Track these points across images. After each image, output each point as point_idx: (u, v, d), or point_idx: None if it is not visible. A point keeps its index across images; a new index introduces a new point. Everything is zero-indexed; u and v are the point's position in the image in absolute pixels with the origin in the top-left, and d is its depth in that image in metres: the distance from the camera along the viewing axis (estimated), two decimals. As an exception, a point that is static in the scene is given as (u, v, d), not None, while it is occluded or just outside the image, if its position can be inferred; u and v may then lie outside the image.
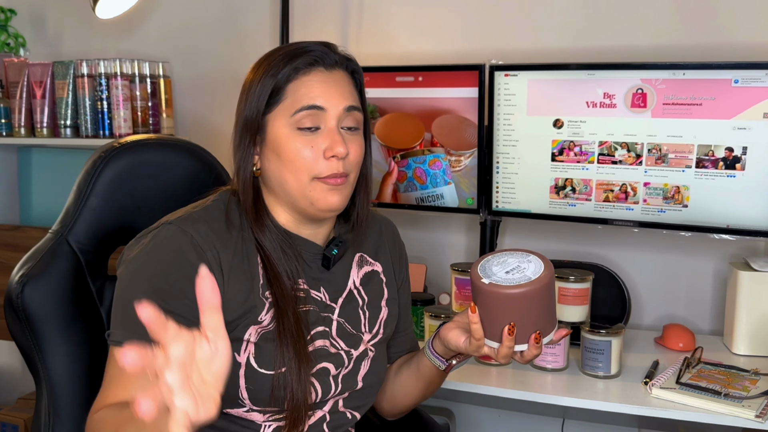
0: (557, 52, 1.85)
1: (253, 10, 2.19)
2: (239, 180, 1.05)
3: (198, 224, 0.99)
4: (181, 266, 0.96)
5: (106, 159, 1.18)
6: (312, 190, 1.02)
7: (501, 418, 2.06)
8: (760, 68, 1.48)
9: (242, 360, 0.99)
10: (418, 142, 1.80)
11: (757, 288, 1.58)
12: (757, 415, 1.26)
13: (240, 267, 1.01)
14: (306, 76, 1.01)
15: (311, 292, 1.08)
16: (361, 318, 1.13)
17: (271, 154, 1.03)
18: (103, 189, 1.17)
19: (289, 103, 1.01)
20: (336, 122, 1.02)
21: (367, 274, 1.16)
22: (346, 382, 1.09)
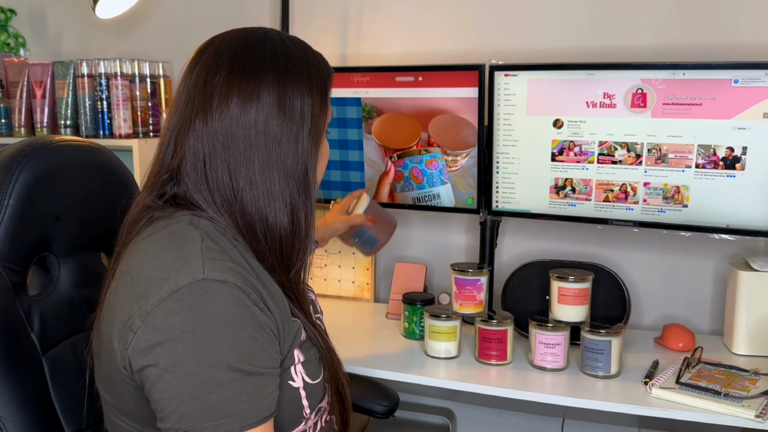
0: (557, 52, 1.85)
1: (253, 11, 2.19)
2: (300, 190, 0.95)
3: (228, 270, 0.86)
4: (248, 321, 0.84)
5: (22, 165, 1.02)
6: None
7: (501, 418, 2.05)
8: (760, 68, 1.48)
9: (299, 383, 0.94)
10: (415, 142, 1.81)
11: (757, 288, 1.58)
12: (757, 415, 1.26)
13: (270, 294, 0.90)
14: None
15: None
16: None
17: (322, 162, 1.02)
18: (20, 199, 1.01)
19: (328, 117, 1.00)
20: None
21: None
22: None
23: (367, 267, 2.05)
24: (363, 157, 1.88)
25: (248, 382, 0.83)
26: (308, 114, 0.94)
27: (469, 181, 1.78)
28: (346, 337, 1.72)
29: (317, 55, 1.00)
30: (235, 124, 0.91)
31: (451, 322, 1.58)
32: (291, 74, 0.93)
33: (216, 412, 0.80)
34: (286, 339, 0.91)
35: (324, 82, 0.98)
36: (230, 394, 0.81)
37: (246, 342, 0.83)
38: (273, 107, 0.92)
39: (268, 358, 0.86)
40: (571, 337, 1.54)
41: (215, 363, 0.81)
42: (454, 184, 1.79)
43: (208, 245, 0.87)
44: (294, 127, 0.93)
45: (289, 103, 0.93)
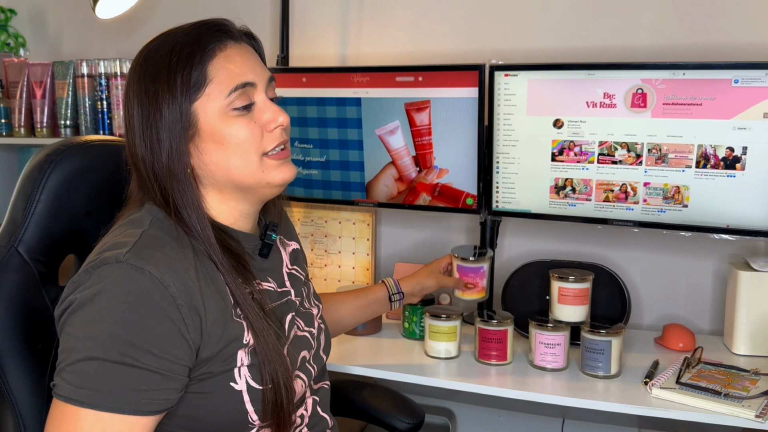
0: (557, 52, 1.85)
1: (253, 10, 2.19)
2: (175, 187, 0.94)
3: (153, 257, 0.88)
4: (146, 312, 0.85)
5: (54, 163, 1.09)
6: (265, 170, 0.97)
7: (501, 418, 2.05)
8: (760, 68, 1.48)
9: (242, 386, 0.93)
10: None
11: (757, 288, 1.58)
12: (757, 415, 1.26)
13: (209, 291, 0.91)
14: (223, 53, 0.96)
15: (264, 285, 1.04)
16: (304, 294, 1.14)
17: (209, 145, 0.95)
18: (52, 195, 1.08)
19: (217, 86, 0.94)
20: (265, 94, 0.99)
21: (292, 253, 1.16)
22: (316, 361, 1.11)
23: (367, 267, 2.05)
24: (363, 157, 1.88)
25: (119, 369, 0.84)
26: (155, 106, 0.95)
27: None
28: (346, 337, 1.72)
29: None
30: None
31: (451, 322, 1.58)
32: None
33: (79, 379, 0.84)
34: (217, 340, 0.91)
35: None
36: (97, 371, 0.84)
37: (133, 332, 0.84)
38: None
39: (157, 357, 0.85)
40: (571, 337, 1.54)
41: (94, 338, 0.84)
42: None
43: (150, 232, 0.92)
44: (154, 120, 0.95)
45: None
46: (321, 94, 1.87)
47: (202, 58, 0.94)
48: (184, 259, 0.90)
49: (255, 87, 0.97)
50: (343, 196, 1.93)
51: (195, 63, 0.94)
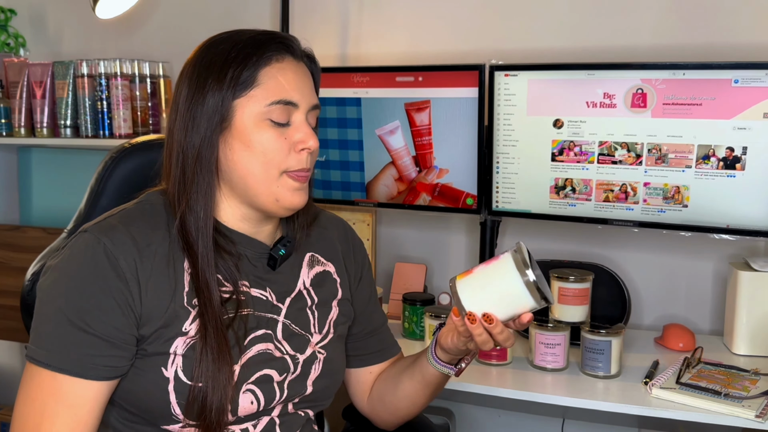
0: (557, 52, 1.85)
1: (253, 10, 2.19)
2: (197, 171, 0.97)
3: (113, 231, 0.94)
4: (94, 279, 0.91)
5: (117, 160, 1.19)
6: (279, 186, 0.98)
7: (501, 418, 2.06)
8: (760, 68, 1.48)
9: (170, 374, 0.94)
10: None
11: (757, 288, 1.58)
12: (757, 415, 1.26)
13: (162, 273, 0.95)
14: (279, 64, 0.98)
15: (254, 292, 1.03)
16: (309, 318, 1.08)
17: (237, 143, 0.97)
18: (114, 189, 1.17)
19: (262, 92, 0.96)
20: (304, 117, 1.00)
21: (318, 274, 1.12)
22: (293, 387, 1.04)
23: (367, 267, 2.05)
24: (363, 157, 1.88)
25: (70, 331, 0.91)
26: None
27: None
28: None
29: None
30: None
31: (451, 322, 1.58)
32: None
33: (40, 340, 0.92)
34: (157, 319, 0.94)
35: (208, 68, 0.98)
36: (53, 332, 0.91)
37: (84, 297, 0.91)
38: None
39: (104, 323, 0.91)
40: (571, 337, 1.54)
41: (53, 301, 0.92)
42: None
43: (128, 210, 0.99)
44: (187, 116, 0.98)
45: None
46: (321, 94, 1.86)
47: (258, 61, 0.97)
48: (147, 241, 0.95)
49: (297, 107, 0.99)
50: (343, 196, 1.93)
51: (249, 63, 0.96)
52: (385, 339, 1.23)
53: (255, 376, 0.99)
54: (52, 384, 0.91)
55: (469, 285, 0.99)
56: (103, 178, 1.18)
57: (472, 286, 0.99)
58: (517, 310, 0.97)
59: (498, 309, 0.97)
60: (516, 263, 0.95)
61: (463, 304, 0.98)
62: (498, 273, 0.97)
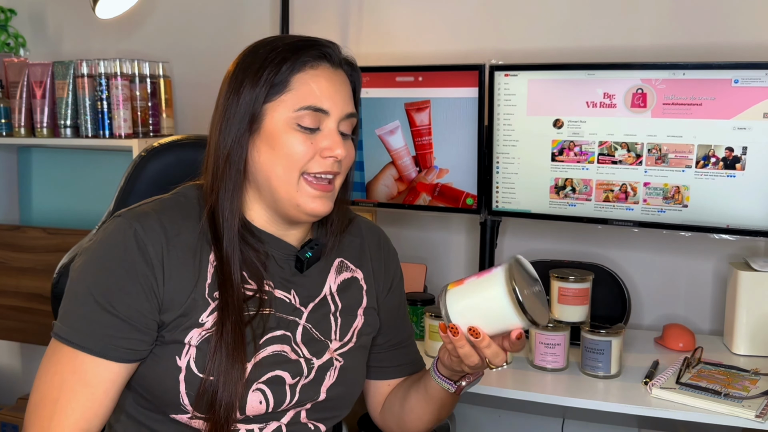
0: (557, 52, 1.85)
1: (253, 10, 2.19)
2: (225, 170, 0.99)
3: (145, 217, 0.97)
4: (121, 262, 0.94)
5: (146, 159, 1.21)
6: (300, 191, 0.99)
7: (501, 418, 2.06)
8: (760, 68, 1.48)
9: (182, 364, 0.95)
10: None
11: (757, 288, 1.58)
12: (757, 415, 1.26)
13: (187, 263, 0.97)
14: (313, 71, 0.99)
15: (278, 293, 1.03)
16: (331, 325, 1.07)
17: (264, 146, 0.99)
18: (143, 189, 1.19)
19: (293, 97, 0.98)
20: (336, 125, 1.00)
21: (345, 280, 1.11)
22: (306, 392, 1.02)
23: (367, 267, 2.05)
24: (363, 157, 1.88)
25: (95, 311, 0.93)
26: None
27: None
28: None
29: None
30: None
31: (451, 322, 1.58)
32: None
33: (66, 318, 0.94)
34: (176, 308, 0.95)
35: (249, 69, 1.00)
36: (79, 310, 0.94)
37: (110, 279, 0.94)
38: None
39: (128, 306, 0.93)
40: (571, 337, 1.54)
41: (82, 281, 0.95)
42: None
43: (164, 200, 1.02)
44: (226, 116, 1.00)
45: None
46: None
47: (292, 66, 0.98)
48: (177, 230, 0.98)
49: (327, 115, 0.99)
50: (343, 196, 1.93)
51: (283, 68, 0.98)
52: (409, 353, 1.21)
53: (266, 376, 0.99)
54: (74, 361, 0.92)
55: (458, 296, 0.95)
56: (132, 177, 1.20)
57: (461, 297, 0.95)
58: (506, 327, 0.93)
59: (485, 323, 0.93)
60: (506, 278, 0.91)
61: (449, 315, 0.95)
62: (487, 287, 0.93)
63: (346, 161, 1.03)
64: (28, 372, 2.60)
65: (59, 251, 2.16)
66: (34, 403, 0.93)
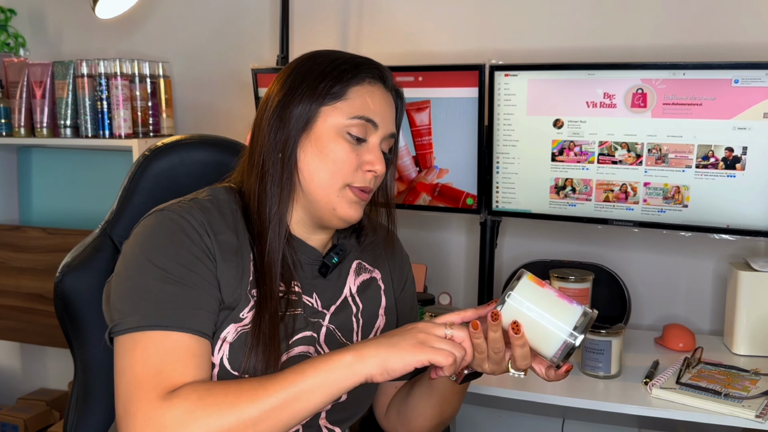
0: (557, 52, 1.85)
1: (253, 10, 2.19)
2: (277, 170, 1.01)
3: (191, 212, 0.98)
4: (179, 237, 0.95)
5: (150, 159, 1.21)
6: (339, 197, 1.01)
7: (501, 418, 2.05)
8: (760, 68, 1.48)
9: (216, 360, 0.95)
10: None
11: (757, 288, 1.58)
12: (757, 415, 1.26)
13: (231, 260, 0.98)
14: (371, 86, 1.04)
15: (304, 297, 1.05)
16: (353, 326, 1.09)
17: (312, 148, 1.01)
18: (147, 188, 1.20)
19: (348, 106, 1.01)
20: (379, 141, 1.04)
21: (364, 281, 1.13)
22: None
23: (367, 267, 2.05)
24: (363, 157, 1.88)
25: (176, 291, 0.91)
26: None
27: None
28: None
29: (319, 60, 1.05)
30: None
31: (451, 322, 1.58)
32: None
33: (140, 308, 0.90)
34: (226, 299, 0.96)
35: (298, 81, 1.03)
36: (159, 294, 0.91)
37: (169, 253, 0.93)
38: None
39: (191, 271, 0.93)
40: (571, 337, 1.54)
41: (149, 268, 0.92)
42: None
43: (200, 200, 1.01)
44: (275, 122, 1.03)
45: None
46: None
47: (351, 79, 1.02)
48: (219, 226, 0.99)
49: (375, 128, 1.03)
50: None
51: (343, 79, 1.02)
52: None
53: None
54: (165, 341, 0.89)
55: (530, 293, 0.96)
56: (135, 177, 1.20)
57: (532, 297, 0.96)
58: (538, 350, 0.97)
59: (529, 332, 0.96)
60: (578, 321, 0.94)
61: (509, 300, 0.95)
62: (559, 312, 0.95)
63: (382, 179, 1.08)
64: (28, 372, 2.60)
65: (59, 251, 2.16)
66: (129, 388, 0.87)
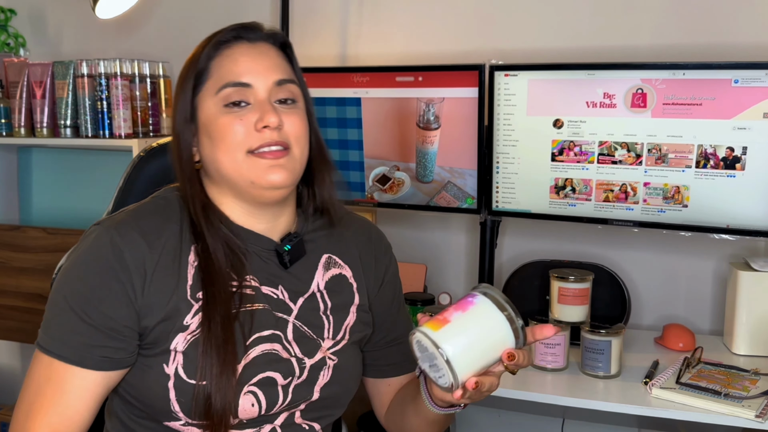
0: (557, 52, 1.85)
1: (253, 10, 2.19)
2: (181, 173, 1.00)
3: (122, 224, 0.96)
4: (98, 271, 0.93)
5: (145, 160, 1.21)
6: (249, 168, 0.95)
7: (501, 418, 2.05)
8: (760, 68, 1.48)
9: (170, 371, 0.93)
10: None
11: (757, 288, 1.58)
12: (757, 415, 1.26)
13: (168, 266, 0.96)
14: (229, 50, 0.99)
15: (265, 289, 1.00)
16: (324, 323, 1.04)
17: (204, 138, 0.98)
18: (142, 188, 1.18)
19: (214, 81, 0.97)
20: (267, 95, 0.97)
21: (334, 277, 1.07)
22: (299, 392, 0.99)
23: (367, 267, 2.05)
24: (363, 157, 1.88)
25: (71, 320, 0.93)
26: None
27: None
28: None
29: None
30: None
31: (451, 322, 1.58)
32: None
33: (47, 327, 0.94)
34: (157, 313, 0.94)
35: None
36: (57, 319, 0.94)
37: (86, 288, 0.93)
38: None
39: (103, 314, 0.92)
40: (571, 337, 1.54)
41: (60, 290, 0.95)
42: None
43: (142, 205, 1.01)
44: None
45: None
46: (321, 94, 1.87)
47: (210, 53, 0.99)
48: (157, 234, 0.96)
49: (250, 88, 0.97)
50: (343, 196, 1.93)
51: (202, 58, 0.99)
52: (407, 351, 1.11)
53: (258, 378, 0.96)
54: (50, 369, 0.93)
55: (460, 347, 0.85)
56: (130, 178, 1.20)
57: (465, 348, 0.85)
58: (497, 356, 0.88)
59: (484, 360, 0.87)
60: (496, 304, 0.88)
61: (458, 377, 0.84)
62: (481, 319, 0.86)
63: (292, 130, 0.98)
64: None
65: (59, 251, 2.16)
66: (17, 406, 0.95)
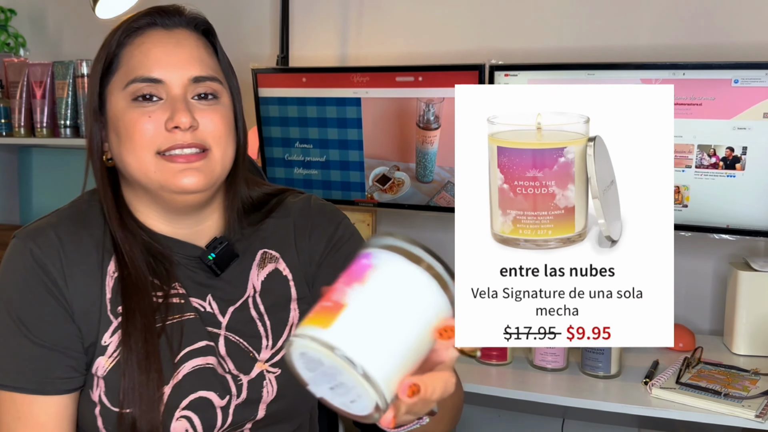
0: (557, 52, 1.85)
1: (253, 10, 2.19)
2: (96, 175, 0.90)
3: (40, 234, 0.86)
4: (30, 289, 0.85)
5: None
6: (158, 170, 0.84)
7: (501, 418, 2.05)
8: (760, 68, 1.48)
9: (95, 398, 0.85)
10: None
11: (757, 288, 1.58)
12: (757, 415, 1.26)
13: (89, 277, 0.87)
14: (140, 38, 0.87)
15: (193, 302, 0.90)
16: (259, 331, 0.92)
17: (113, 135, 0.87)
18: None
19: (123, 73, 0.86)
20: (181, 92, 0.86)
21: (270, 274, 0.95)
22: (240, 413, 0.89)
23: (367, 267, 2.05)
24: (363, 157, 1.88)
25: (20, 346, 0.83)
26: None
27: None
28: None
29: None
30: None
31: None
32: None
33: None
34: (87, 328, 0.86)
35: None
36: (3, 349, 0.84)
37: (24, 309, 0.84)
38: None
39: (50, 333, 0.84)
40: (571, 337, 1.54)
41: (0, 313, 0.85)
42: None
43: (62, 211, 0.91)
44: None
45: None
46: (321, 94, 1.87)
47: (120, 41, 0.88)
48: (77, 241, 0.88)
49: (161, 83, 0.85)
50: (343, 196, 1.93)
51: (112, 44, 0.88)
52: None
53: (189, 399, 0.86)
54: (12, 404, 0.84)
55: (363, 331, 0.54)
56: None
57: (371, 331, 0.54)
58: (431, 336, 0.57)
59: (415, 349, 0.56)
60: (406, 255, 0.61)
61: (379, 386, 0.53)
62: (391, 286, 0.57)
63: (213, 129, 0.86)
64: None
65: (59, 251, 2.16)
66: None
